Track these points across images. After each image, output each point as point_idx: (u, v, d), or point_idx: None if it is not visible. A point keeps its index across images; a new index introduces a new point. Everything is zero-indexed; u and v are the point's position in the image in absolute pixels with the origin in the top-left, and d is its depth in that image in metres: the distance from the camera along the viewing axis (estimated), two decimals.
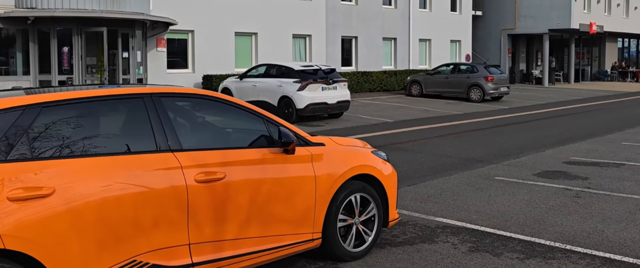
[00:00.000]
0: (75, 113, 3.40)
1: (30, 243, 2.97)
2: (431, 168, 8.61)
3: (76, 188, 3.15)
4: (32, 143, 3.14)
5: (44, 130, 3.22)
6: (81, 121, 3.39)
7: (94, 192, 3.20)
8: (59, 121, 3.30)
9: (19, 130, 3.11)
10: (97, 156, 3.32)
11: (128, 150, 3.47)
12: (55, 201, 3.07)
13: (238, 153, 3.93)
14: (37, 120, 3.21)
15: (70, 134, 3.30)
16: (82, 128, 3.37)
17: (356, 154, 4.67)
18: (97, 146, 3.36)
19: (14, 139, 3.08)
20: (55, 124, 3.27)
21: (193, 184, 3.60)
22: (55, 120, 3.29)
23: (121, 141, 3.51)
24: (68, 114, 3.37)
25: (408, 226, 5.51)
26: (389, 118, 15.77)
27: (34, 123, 3.19)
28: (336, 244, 4.45)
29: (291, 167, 4.15)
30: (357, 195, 4.60)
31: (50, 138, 3.22)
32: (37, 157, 3.13)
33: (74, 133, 3.32)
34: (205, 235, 3.67)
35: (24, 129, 3.13)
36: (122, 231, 3.31)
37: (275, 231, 4.05)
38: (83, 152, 3.29)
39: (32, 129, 3.17)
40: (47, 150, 3.18)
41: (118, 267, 3.31)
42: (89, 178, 3.22)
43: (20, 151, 3.08)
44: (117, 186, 3.30)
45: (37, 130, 3.18)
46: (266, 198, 3.98)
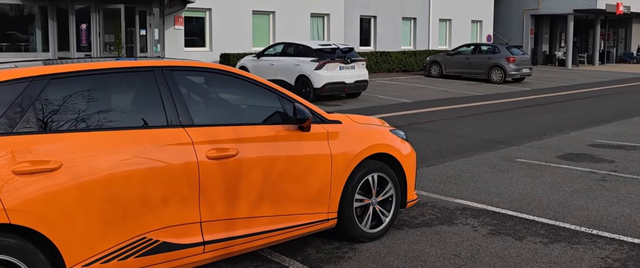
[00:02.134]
0: (84, 85, 3.28)
1: (36, 218, 2.89)
2: (451, 149, 8.42)
3: (84, 163, 3.05)
4: (39, 116, 3.04)
5: (52, 102, 3.11)
6: (90, 94, 3.28)
7: (102, 167, 3.10)
8: (67, 94, 3.19)
9: (25, 102, 3.01)
10: (106, 130, 3.21)
11: (138, 124, 3.35)
12: (62, 176, 2.98)
13: (251, 129, 3.80)
14: (44, 92, 3.10)
15: (79, 107, 3.19)
16: (91, 101, 3.26)
17: (374, 133, 4.51)
18: (106, 119, 3.25)
19: (21, 112, 2.98)
20: (63, 97, 3.17)
21: (204, 160, 3.48)
22: (64, 92, 3.18)
23: (131, 115, 3.39)
24: (76, 87, 3.25)
25: (427, 207, 5.35)
26: (408, 99, 15.53)
27: (41, 94, 3.08)
28: (352, 224, 4.32)
29: (306, 145, 4.02)
30: (374, 175, 4.45)
31: (58, 110, 3.11)
32: (44, 130, 3.03)
33: (83, 106, 3.21)
34: (217, 213, 3.57)
35: (31, 101, 3.03)
36: (131, 207, 3.21)
37: (289, 211, 3.94)
38: (91, 126, 3.19)
39: (40, 102, 3.06)
40: (55, 123, 3.08)
41: (127, 243, 3.22)
42: (97, 152, 3.11)
43: (27, 124, 2.98)
44: (126, 161, 3.19)
45: (44, 102, 3.08)
46: (280, 176, 3.85)
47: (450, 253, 4.21)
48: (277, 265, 4.00)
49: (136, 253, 3.26)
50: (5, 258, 2.83)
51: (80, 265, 3.07)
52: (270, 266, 4.00)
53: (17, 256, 2.86)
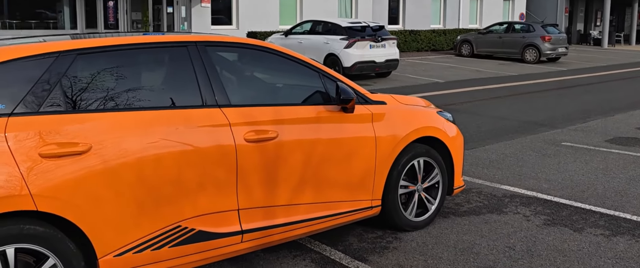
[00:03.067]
0: (113, 61, 3.03)
1: (65, 205, 2.67)
2: (490, 132, 8.04)
3: (115, 145, 2.82)
4: (67, 94, 2.80)
5: (80, 80, 2.87)
6: (120, 71, 3.03)
7: (133, 150, 2.87)
8: (95, 70, 2.95)
9: (52, 79, 2.78)
10: (137, 110, 2.96)
11: (171, 104, 3.10)
12: (92, 159, 2.75)
13: (291, 110, 3.52)
14: (71, 68, 2.86)
15: (108, 85, 2.95)
16: (121, 79, 3.01)
17: (420, 115, 4.19)
18: (137, 98, 3.01)
19: (47, 90, 2.75)
20: (91, 74, 2.92)
21: (242, 143, 3.22)
22: (92, 69, 2.94)
23: (163, 94, 3.14)
24: (105, 63, 3.01)
25: (472, 194, 5.04)
26: (439, 78, 15.07)
27: (68, 71, 2.84)
28: (397, 212, 4.04)
29: (349, 127, 3.73)
30: (420, 160, 4.15)
31: (87, 88, 2.88)
32: (72, 110, 2.79)
33: (112, 84, 2.97)
34: (255, 200, 3.32)
35: (57, 78, 2.80)
36: (165, 194, 2.98)
37: (330, 198, 3.67)
38: (122, 105, 2.94)
39: (67, 78, 2.83)
40: (83, 102, 2.84)
41: (161, 232, 3.00)
42: (128, 134, 2.87)
43: (54, 103, 2.75)
44: (159, 143, 2.95)
45: (71, 80, 2.84)
46: (321, 160, 3.58)
47: (503, 245, 3.90)
48: (317, 255, 3.76)
49: (171, 242, 3.04)
50: (31, 247, 2.63)
51: (111, 255, 2.86)
52: (310, 255, 3.75)
53: (45, 245, 2.66)
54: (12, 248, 2.58)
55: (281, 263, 3.63)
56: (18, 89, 2.69)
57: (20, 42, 3.05)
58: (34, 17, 16.08)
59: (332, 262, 3.65)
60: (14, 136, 2.59)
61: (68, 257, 2.74)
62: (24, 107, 2.67)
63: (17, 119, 2.64)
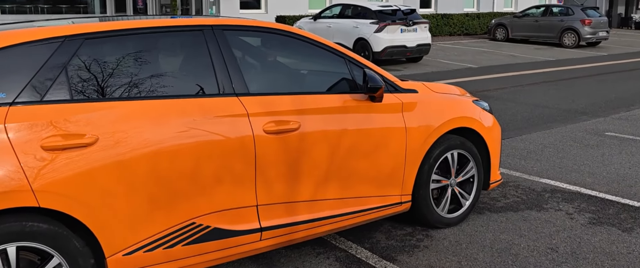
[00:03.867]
0: (123, 47, 2.83)
1: (69, 201, 2.49)
2: (527, 120, 7.64)
3: (123, 137, 2.62)
4: (72, 82, 2.61)
5: (87, 66, 2.67)
6: (130, 57, 2.82)
7: (144, 142, 2.66)
8: (104, 56, 2.74)
9: (56, 66, 2.58)
10: (148, 98, 2.75)
11: (185, 93, 2.88)
12: (99, 152, 2.55)
13: (315, 99, 3.27)
14: (78, 54, 2.66)
15: (117, 72, 2.74)
16: (131, 65, 2.80)
17: (454, 104, 3.89)
18: (149, 87, 2.80)
19: (51, 77, 2.56)
20: (99, 60, 2.72)
21: (262, 135, 2.99)
22: (100, 55, 2.74)
23: (177, 82, 2.92)
24: (115, 49, 2.80)
25: (508, 187, 4.72)
26: (473, 64, 14.58)
27: (74, 57, 2.64)
28: (428, 208, 3.77)
29: (377, 117, 3.46)
30: (454, 152, 3.86)
31: (93, 76, 2.68)
32: (78, 99, 2.60)
33: (122, 71, 2.76)
34: (275, 196, 3.09)
35: (62, 64, 2.60)
36: (178, 189, 2.77)
37: (357, 193, 3.42)
38: (132, 94, 2.74)
39: (72, 65, 2.63)
40: (90, 91, 2.64)
41: (174, 229, 2.80)
42: (138, 124, 2.67)
43: (58, 91, 2.56)
44: (172, 135, 2.74)
45: (78, 66, 2.65)
46: (347, 153, 3.32)
47: (545, 246, 3.59)
48: (342, 253, 3.52)
49: (184, 240, 2.84)
50: (34, 245, 2.46)
51: (120, 253, 2.68)
52: (335, 253, 3.52)
53: (48, 243, 2.49)
54: (14, 246, 2.42)
55: (303, 261, 3.41)
56: (20, 77, 2.50)
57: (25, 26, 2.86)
58: (64, 2, 16.16)
59: (358, 261, 3.41)
60: (15, 127, 2.41)
61: (74, 256, 2.57)
62: (26, 96, 2.49)
63: (18, 108, 2.45)
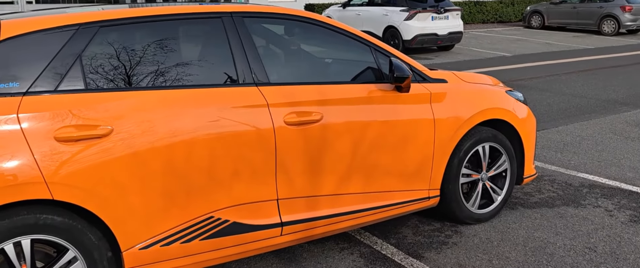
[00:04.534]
0: (139, 35, 2.74)
1: (83, 194, 2.42)
2: (563, 111, 7.34)
3: (139, 128, 2.54)
4: (87, 71, 2.53)
5: (101, 55, 2.59)
6: (146, 46, 2.73)
7: (160, 133, 2.58)
8: (119, 45, 2.66)
9: (70, 54, 2.51)
10: (165, 88, 2.66)
11: (202, 82, 2.78)
12: (114, 143, 2.48)
13: (338, 89, 3.13)
14: (92, 42, 2.58)
15: (132, 61, 2.66)
16: (147, 54, 2.71)
17: (486, 94, 3.70)
18: (165, 76, 2.70)
19: (65, 66, 2.49)
20: (114, 48, 2.64)
21: (282, 126, 2.87)
22: (115, 43, 2.65)
23: (194, 71, 2.81)
24: (130, 37, 2.71)
25: (543, 182, 4.50)
26: (507, 52, 14.16)
27: (88, 46, 2.57)
28: (457, 203, 3.60)
29: (404, 108, 3.30)
30: (485, 145, 3.67)
31: (108, 65, 2.60)
32: (92, 89, 2.52)
33: (137, 60, 2.67)
34: (297, 190, 2.98)
35: (76, 53, 2.53)
36: (196, 181, 2.69)
37: (382, 187, 3.28)
38: (147, 84, 2.65)
39: (87, 54, 2.55)
40: (104, 80, 2.57)
41: (191, 223, 2.72)
42: (154, 115, 2.58)
43: (72, 81, 2.49)
44: (189, 126, 2.65)
45: (92, 55, 2.57)
46: (372, 145, 3.18)
47: (582, 245, 3.39)
48: (367, 249, 3.39)
49: (202, 234, 2.75)
50: (48, 238, 2.41)
51: (136, 247, 2.61)
52: (359, 249, 3.39)
53: (63, 236, 2.44)
54: (28, 239, 2.37)
55: (326, 257, 3.30)
56: (33, 66, 2.44)
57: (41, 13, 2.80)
58: None
59: (383, 258, 3.28)
60: (28, 117, 2.35)
61: (89, 250, 2.51)
62: (40, 85, 2.42)
63: (31, 98, 2.39)
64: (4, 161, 2.27)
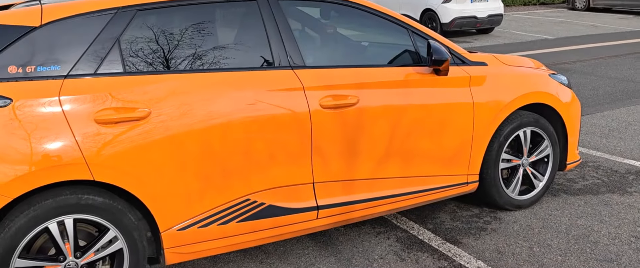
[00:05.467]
0: (175, 18, 2.75)
1: (123, 175, 2.47)
2: (609, 95, 7.08)
3: (176, 111, 2.56)
4: (125, 54, 2.56)
5: (139, 39, 2.62)
6: (182, 29, 2.74)
7: (197, 116, 2.59)
8: (156, 28, 2.67)
9: (109, 38, 2.54)
10: (201, 72, 2.67)
11: (238, 65, 2.78)
12: (152, 126, 2.51)
13: (375, 72, 3.09)
14: (130, 26, 2.61)
15: (169, 45, 2.68)
16: (184, 38, 2.72)
17: (528, 78, 3.59)
18: (201, 59, 2.71)
19: (104, 49, 2.52)
20: (152, 32, 2.66)
21: (318, 110, 2.86)
22: (153, 27, 2.67)
23: (230, 54, 2.81)
24: (167, 20, 2.72)
25: (588, 168, 4.36)
26: (549, 35, 13.74)
27: (126, 29, 2.59)
28: (497, 189, 3.52)
29: (443, 92, 3.23)
30: (527, 130, 3.57)
31: (146, 48, 2.62)
32: (131, 72, 2.55)
33: (174, 43, 2.69)
34: (332, 173, 2.96)
35: (115, 37, 2.56)
36: (232, 164, 2.70)
37: (419, 172, 3.23)
38: (184, 67, 2.67)
39: (125, 38, 2.58)
40: (142, 63, 2.59)
41: (228, 206, 2.74)
42: (191, 98, 2.60)
43: (111, 64, 2.52)
44: (226, 109, 2.66)
45: (130, 39, 2.59)
46: (409, 129, 3.13)
47: (628, 234, 3.28)
48: (403, 233, 3.36)
49: (239, 217, 2.77)
50: (90, 218, 2.47)
51: (175, 229, 2.65)
52: (395, 233, 3.37)
53: (104, 216, 2.49)
54: (71, 218, 2.43)
55: (362, 241, 3.28)
56: (74, 49, 2.48)
57: None
58: None
59: (420, 243, 3.24)
60: (69, 100, 2.40)
61: (129, 230, 2.56)
62: (80, 68, 2.47)
63: (72, 81, 2.44)
64: (47, 143, 2.32)
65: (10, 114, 2.30)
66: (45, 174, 2.33)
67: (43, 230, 2.39)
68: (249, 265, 3.06)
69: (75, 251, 2.48)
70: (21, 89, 2.36)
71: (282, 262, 3.07)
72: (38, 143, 2.31)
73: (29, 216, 2.35)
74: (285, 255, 3.14)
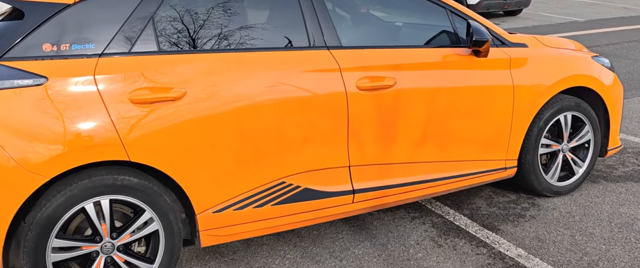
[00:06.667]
0: None
1: (158, 156, 2.43)
2: None
3: (211, 91, 2.50)
4: (159, 33, 2.50)
5: (173, 17, 2.56)
6: (217, 7, 2.67)
7: (233, 96, 2.53)
8: (191, 6, 2.61)
9: (143, 16, 2.48)
10: (236, 51, 2.61)
11: (273, 45, 2.71)
12: (187, 106, 2.46)
13: (412, 53, 2.99)
14: (164, 4, 2.54)
15: (204, 23, 2.61)
16: (219, 16, 2.65)
17: (570, 60, 3.46)
18: (237, 38, 2.65)
19: (138, 28, 2.46)
20: (186, 10, 2.59)
21: (355, 92, 2.78)
22: (187, 5, 2.60)
23: (265, 34, 2.74)
24: None
25: (627, 154, 4.22)
26: (579, 17, 13.39)
27: (160, 7, 2.53)
28: (536, 175, 3.42)
29: (482, 74, 3.13)
30: (567, 114, 3.45)
31: (181, 26, 2.56)
32: (165, 50, 2.50)
33: (209, 22, 2.62)
34: (368, 157, 2.89)
35: (149, 15, 2.50)
36: (268, 146, 2.64)
37: (456, 156, 3.14)
38: (219, 46, 2.60)
39: (159, 16, 2.52)
40: (177, 42, 2.54)
41: (263, 188, 2.69)
42: (226, 78, 2.54)
43: (145, 43, 2.47)
44: (261, 90, 2.59)
45: (164, 17, 2.53)
46: (447, 112, 3.04)
47: None
48: (439, 219, 3.29)
49: (274, 200, 2.73)
50: (126, 199, 2.44)
51: (210, 211, 2.61)
52: (431, 219, 3.29)
53: (140, 197, 2.46)
54: (107, 199, 2.41)
55: (397, 226, 3.22)
56: (107, 27, 2.42)
57: None
58: None
59: (457, 229, 3.16)
60: (104, 79, 2.35)
61: (164, 212, 2.53)
62: (114, 47, 2.42)
63: (107, 60, 2.39)
64: (83, 123, 2.29)
65: (46, 93, 2.27)
66: (81, 154, 2.30)
67: (79, 210, 2.37)
68: (283, 247, 3.02)
69: (112, 232, 2.45)
70: (56, 67, 2.32)
71: (316, 246, 3.03)
72: (73, 123, 2.28)
73: (66, 195, 2.32)
74: (319, 239, 3.10)
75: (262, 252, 2.98)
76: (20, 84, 2.24)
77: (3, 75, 2.24)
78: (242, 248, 3.02)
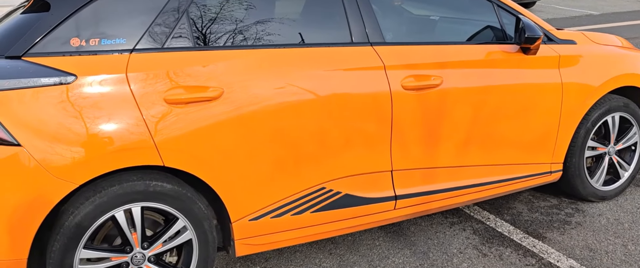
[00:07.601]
0: None
1: (195, 161, 2.25)
2: None
3: (249, 90, 2.31)
4: (193, 28, 2.32)
5: (208, 10, 2.37)
6: (255, 2, 2.47)
7: (270, 96, 2.34)
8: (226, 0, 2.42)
9: (176, 9, 2.29)
10: (274, 47, 2.42)
11: (314, 41, 2.52)
12: (224, 107, 2.27)
13: (459, 50, 2.81)
14: None
15: (241, 18, 2.42)
16: (256, 11, 2.46)
17: (620, 58, 3.27)
18: (275, 34, 2.45)
19: (173, 21, 2.28)
20: (222, 4, 2.40)
21: (399, 91, 2.59)
22: None
23: (306, 29, 2.55)
24: None
25: None
26: (593, 10, 13.15)
27: (194, 1, 2.34)
28: (581, 179, 3.25)
29: (530, 72, 2.94)
30: (615, 115, 3.27)
31: (217, 20, 2.37)
32: (200, 47, 2.31)
33: (245, 17, 2.43)
34: (412, 161, 2.71)
35: (183, 8, 2.31)
36: (307, 149, 2.46)
37: (502, 159, 2.96)
38: (258, 41, 2.42)
39: (193, 9, 2.33)
40: (213, 37, 2.35)
41: (303, 194, 2.51)
42: (266, 76, 2.35)
43: (179, 38, 2.28)
44: (301, 89, 2.41)
45: (200, 9, 2.34)
46: (494, 113, 2.86)
47: None
48: (480, 225, 3.12)
49: (314, 207, 2.55)
50: (159, 206, 2.26)
51: (246, 218, 2.43)
52: (471, 225, 3.12)
53: (173, 205, 2.28)
54: (139, 206, 2.22)
55: (436, 232, 3.05)
56: (139, 21, 2.23)
57: None
58: None
59: (500, 236, 2.99)
60: (137, 77, 2.17)
61: (199, 220, 2.35)
62: (146, 42, 2.23)
63: (139, 56, 2.20)
64: (115, 125, 2.10)
65: (75, 92, 2.08)
66: (113, 159, 2.12)
67: (109, 218, 2.19)
68: (317, 255, 2.85)
69: (143, 241, 2.28)
70: (85, 64, 2.13)
71: (352, 254, 2.86)
72: (105, 125, 2.09)
73: (95, 203, 2.14)
74: (355, 246, 2.93)
75: (296, 260, 2.81)
76: (47, 82, 2.06)
77: (28, 72, 2.05)
78: (274, 256, 2.85)
